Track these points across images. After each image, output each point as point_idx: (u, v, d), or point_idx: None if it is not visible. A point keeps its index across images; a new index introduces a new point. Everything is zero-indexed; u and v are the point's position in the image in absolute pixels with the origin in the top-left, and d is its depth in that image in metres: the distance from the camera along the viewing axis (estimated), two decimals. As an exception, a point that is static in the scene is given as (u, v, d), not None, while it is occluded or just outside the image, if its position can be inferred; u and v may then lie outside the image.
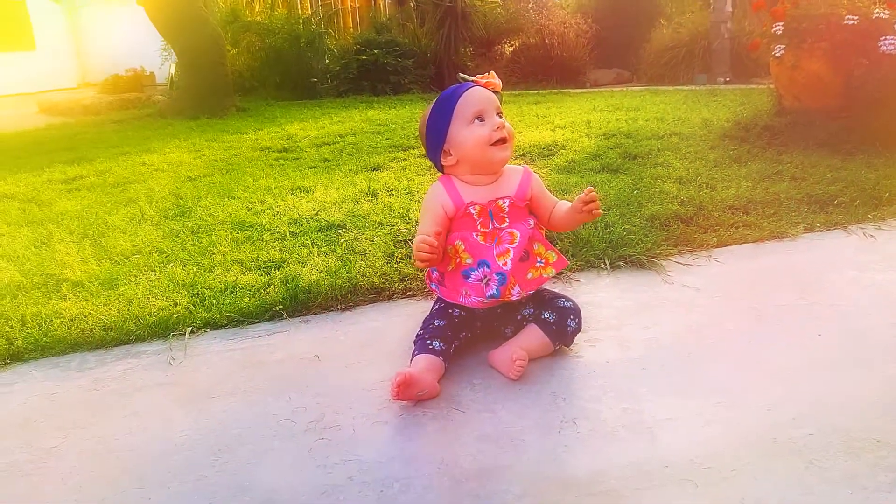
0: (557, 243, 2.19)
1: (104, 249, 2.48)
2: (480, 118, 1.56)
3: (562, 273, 2.05)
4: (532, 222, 1.59)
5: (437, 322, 1.60)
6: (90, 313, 1.92)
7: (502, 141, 1.56)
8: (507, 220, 1.58)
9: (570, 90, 7.03)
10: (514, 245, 1.54)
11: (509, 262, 1.53)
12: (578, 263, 2.09)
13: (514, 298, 1.54)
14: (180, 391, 1.55)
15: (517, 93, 6.75)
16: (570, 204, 1.59)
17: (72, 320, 1.89)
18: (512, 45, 8.77)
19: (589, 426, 1.31)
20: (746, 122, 3.95)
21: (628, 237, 2.19)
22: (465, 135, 1.56)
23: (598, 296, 1.88)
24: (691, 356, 1.55)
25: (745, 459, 1.18)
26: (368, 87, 7.68)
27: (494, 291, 1.52)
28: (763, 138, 3.58)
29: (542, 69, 8.03)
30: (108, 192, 3.45)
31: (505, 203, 1.57)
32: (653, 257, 2.10)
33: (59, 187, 3.64)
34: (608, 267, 2.07)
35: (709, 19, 7.14)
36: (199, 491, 1.20)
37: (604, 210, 2.48)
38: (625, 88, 6.86)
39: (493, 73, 1.64)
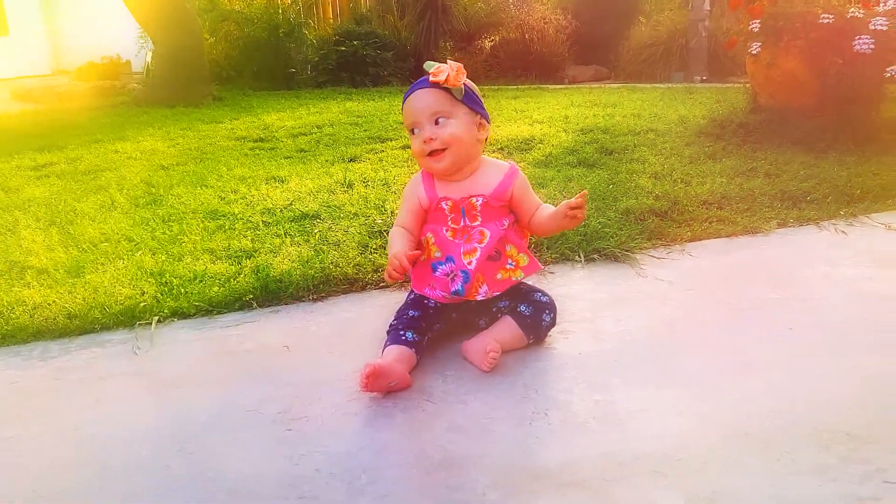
0: (532, 236, 2.18)
1: (71, 237, 2.42)
2: (413, 130, 1.55)
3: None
4: (506, 223, 1.56)
5: (411, 312, 1.58)
6: (54, 301, 1.87)
7: (435, 153, 1.53)
8: (479, 218, 1.56)
9: (549, 86, 7.04)
10: (482, 244, 1.53)
11: (474, 262, 1.52)
12: (553, 256, 2.08)
13: (480, 298, 1.54)
14: (146, 381, 1.51)
15: (496, 87, 6.73)
16: (553, 209, 1.54)
17: (35, 308, 1.84)
18: (492, 40, 8.74)
19: (560, 417, 1.30)
20: (722, 119, 3.97)
21: (603, 230, 2.19)
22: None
23: (572, 288, 1.88)
24: (664, 349, 1.54)
25: (717, 451, 1.18)
26: (347, 79, 7.62)
27: (459, 288, 1.52)
28: (738, 135, 3.60)
29: (522, 64, 8.02)
30: (78, 179, 3.38)
31: (478, 201, 1.55)
32: (627, 251, 2.09)
33: (28, 174, 3.55)
34: (582, 260, 2.06)
35: (687, 17, 7.18)
36: (163, 481, 1.17)
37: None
38: (603, 85, 6.88)
39: (452, 65, 1.51)
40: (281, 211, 2.64)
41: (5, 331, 1.73)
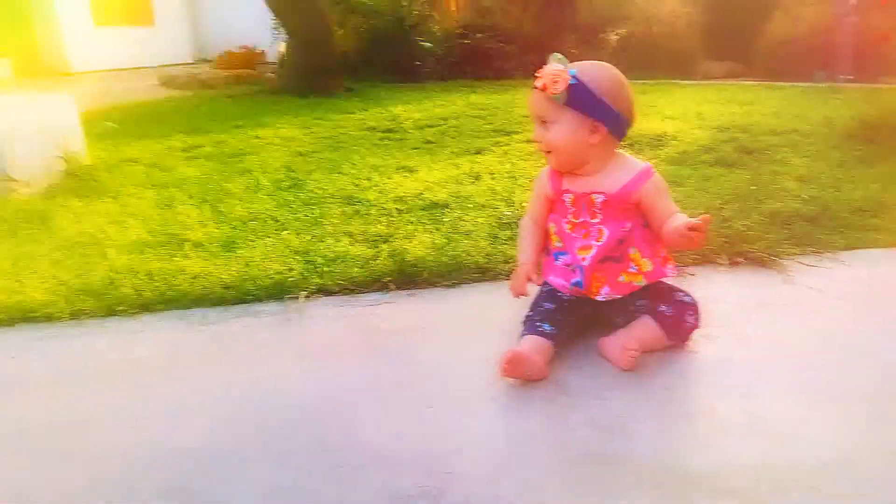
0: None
1: (222, 214, 2.59)
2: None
3: (675, 266, 1.99)
4: (629, 225, 1.51)
5: (546, 304, 1.59)
6: (211, 272, 2.01)
7: (544, 153, 1.55)
8: (598, 215, 1.52)
9: (679, 81, 6.80)
10: (599, 243, 1.51)
11: (588, 259, 1.50)
12: (693, 258, 2.02)
13: (601, 299, 1.52)
14: (297, 350, 1.61)
15: (623, 83, 6.57)
16: (681, 220, 1.45)
17: (194, 277, 1.98)
18: (618, 33, 8.54)
19: (706, 423, 1.27)
20: (874, 121, 3.69)
21: (747, 233, 2.10)
22: None
23: (714, 291, 1.81)
24: (819, 360, 1.46)
25: (879, 472, 1.11)
26: (471, 72, 7.69)
27: (578, 280, 1.52)
28: (893, 140, 3.34)
29: (649, 59, 7.79)
30: (224, 161, 3.61)
31: (598, 198, 1.51)
32: (774, 256, 2.00)
33: (180, 154, 3.83)
34: (726, 263, 1.99)
35: (830, 12, 6.72)
36: (316, 443, 1.24)
37: (720, 203, 2.39)
38: (738, 82, 6.57)
39: (549, 72, 1.46)
40: (412, 199, 2.71)
41: (169, 296, 1.89)
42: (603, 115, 1.49)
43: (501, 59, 7.86)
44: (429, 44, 8.04)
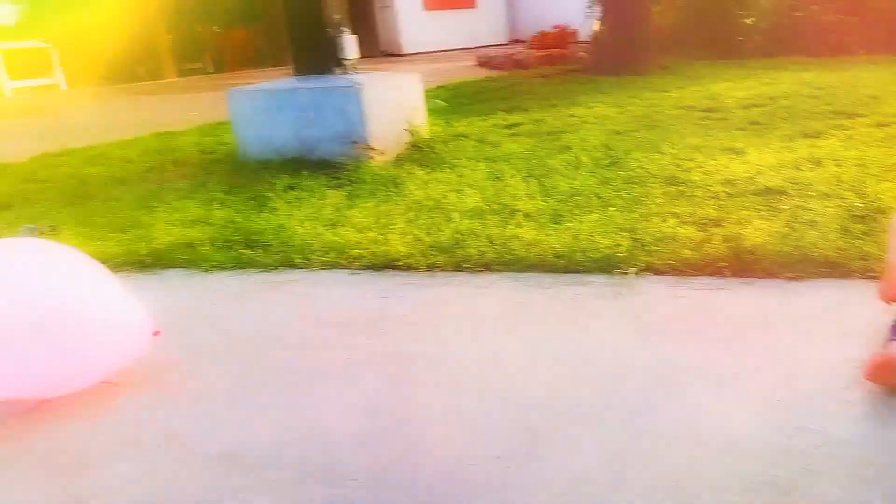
0: None
1: (546, 189, 2.73)
2: None
3: None
4: None
5: (920, 310, 1.42)
6: (542, 241, 2.15)
7: None
8: None
9: None
10: None
11: None
12: None
13: None
14: (631, 323, 1.65)
15: None
16: None
17: (528, 245, 2.13)
18: None
19: None
20: None
21: None
22: None
23: None
24: None
25: None
26: (801, 48, 6.93)
27: None
28: None
29: None
30: (543, 139, 3.78)
31: None
32: None
33: (503, 132, 4.09)
34: None
35: None
36: (655, 416, 1.28)
37: None
38: None
39: None
40: (742, 183, 2.57)
41: (508, 259, 2.06)
42: None
43: (840, 33, 6.94)
44: (751, 18, 7.43)
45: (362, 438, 1.28)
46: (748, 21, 7.59)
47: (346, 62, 3.79)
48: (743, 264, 1.88)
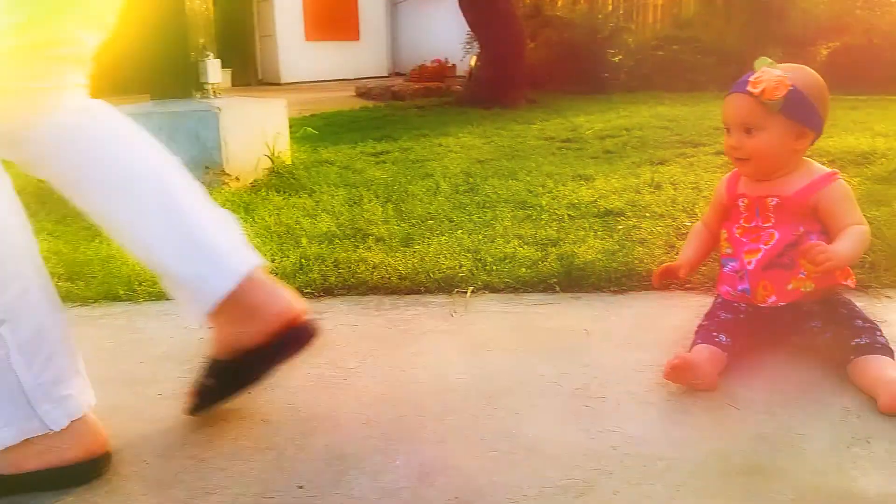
0: (869, 255, 1.94)
1: (403, 213, 2.75)
2: (727, 129, 1.52)
3: (870, 287, 1.81)
4: (802, 229, 1.44)
5: (722, 315, 1.53)
6: (389, 264, 2.15)
7: (738, 159, 1.50)
8: (771, 219, 1.48)
9: (899, 96, 6.10)
10: (767, 246, 1.45)
11: (753, 262, 1.46)
12: (892, 279, 1.83)
13: (766, 305, 1.47)
14: (459, 340, 1.67)
15: (831, 97, 6.03)
16: (848, 236, 1.41)
17: (374, 267, 2.13)
18: (829, 47, 7.84)
19: (887, 447, 1.15)
20: None
21: (965, 256, 1.86)
22: None
23: (916, 316, 1.64)
24: None
25: None
26: (661, 84, 7.45)
27: (746, 287, 1.48)
28: None
29: (865, 74, 7.06)
30: (408, 166, 3.82)
31: (772, 201, 1.46)
32: None
33: (369, 159, 4.11)
34: (934, 286, 1.78)
35: None
36: (471, 429, 1.29)
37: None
38: (974, 96, 5.77)
39: (772, 77, 1.41)
40: (586, 206, 2.70)
41: (351, 283, 2.05)
42: (812, 122, 1.47)
43: (696, 71, 7.53)
44: (619, 56, 7.91)
45: (154, 482, 1.21)
46: (615, 59, 8.09)
47: (207, 87, 3.70)
48: (573, 280, 1.96)
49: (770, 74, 1.42)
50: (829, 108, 1.53)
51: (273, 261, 2.22)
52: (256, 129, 3.53)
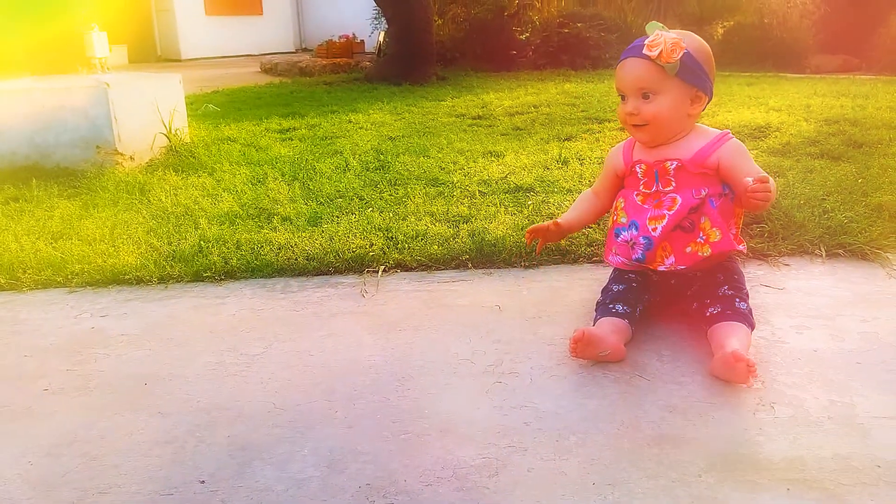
0: (767, 224, 2.02)
1: (311, 191, 2.67)
2: (622, 95, 1.50)
3: (769, 256, 1.89)
4: (704, 192, 1.45)
5: (615, 287, 1.55)
6: (296, 244, 2.07)
7: (634, 126, 1.49)
8: (672, 183, 1.48)
9: (788, 74, 6.44)
10: (671, 211, 1.46)
11: (659, 228, 1.46)
12: (790, 247, 1.91)
13: (664, 269, 1.48)
14: (370, 321, 1.63)
15: (727, 73, 6.30)
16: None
17: (280, 248, 2.05)
18: (725, 25, 8.18)
19: (789, 412, 1.19)
20: None
21: (849, 225, 1.97)
22: None
23: (809, 283, 1.71)
24: (919, 358, 1.36)
25: (982, 476, 1.01)
26: (567, 61, 7.56)
27: (640, 255, 1.48)
28: None
29: (758, 51, 7.41)
30: (316, 143, 3.71)
31: (672, 165, 1.47)
32: (878, 249, 1.86)
33: (275, 136, 3.97)
34: (823, 254, 1.87)
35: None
36: (382, 411, 1.26)
37: (822, 195, 2.24)
38: (852, 76, 6.15)
39: (667, 38, 1.40)
40: (496, 182, 2.69)
41: (255, 265, 1.96)
42: (706, 85, 1.48)
43: (600, 48, 7.67)
44: (525, 34, 7.97)
45: (39, 483, 1.11)
46: (522, 37, 8.14)
47: (94, 61, 3.45)
48: (484, 256, 1.95)
49: (665, 37, 1.41)
50: (727, 85, 1.55)
51: (170, 244, 2.10)
52: (150, 106, 3.33)
